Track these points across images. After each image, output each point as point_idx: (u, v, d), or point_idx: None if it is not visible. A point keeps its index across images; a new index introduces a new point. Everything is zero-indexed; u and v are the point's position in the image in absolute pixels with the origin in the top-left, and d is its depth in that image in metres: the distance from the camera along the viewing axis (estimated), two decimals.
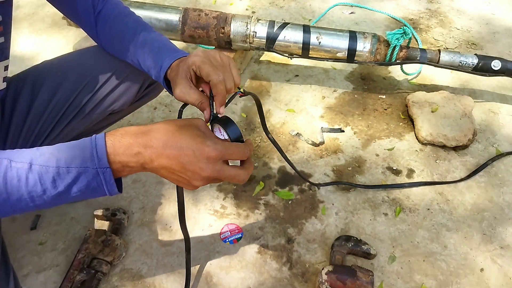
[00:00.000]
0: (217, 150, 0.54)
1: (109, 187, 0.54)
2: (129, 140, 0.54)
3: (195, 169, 0.54)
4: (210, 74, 0.65)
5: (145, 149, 0.53)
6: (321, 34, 1.40)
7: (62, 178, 0.52)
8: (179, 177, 0.56)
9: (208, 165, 0.54)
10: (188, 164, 0.54)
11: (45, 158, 0.52)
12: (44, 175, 0.52)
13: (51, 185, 0.52)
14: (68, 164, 0.52)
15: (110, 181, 0.54)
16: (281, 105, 1.53)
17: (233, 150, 0.57)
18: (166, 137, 0.54)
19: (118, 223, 1.12)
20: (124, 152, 0.53)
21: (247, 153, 0.59)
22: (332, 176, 1.29)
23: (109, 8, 0.84)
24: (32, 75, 0.89)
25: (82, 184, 0.53)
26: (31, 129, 0.87)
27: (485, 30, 1.90)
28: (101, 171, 0.53)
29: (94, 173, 0.52)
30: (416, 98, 1.46)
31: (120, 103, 0.95)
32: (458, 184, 1.28)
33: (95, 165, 0.52)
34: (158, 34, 0.83)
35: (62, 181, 0.52)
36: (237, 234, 1.14)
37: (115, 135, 0.54)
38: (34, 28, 1.88)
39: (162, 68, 0.74)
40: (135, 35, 0.81)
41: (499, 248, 1.13)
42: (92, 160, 0.52)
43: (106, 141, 0.53)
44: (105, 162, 0.52)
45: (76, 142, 0.54)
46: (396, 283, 1.05)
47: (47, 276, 1.05)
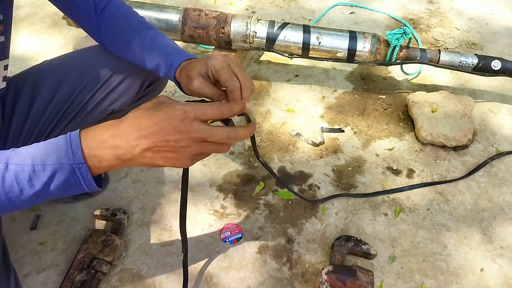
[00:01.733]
0: (189, 109, 0.52)
1: (87, 183, 0.53)
2: (102, 133, 0.53)
3: (176, 135, 0.52)
4: (227, 80, 0.64)
5: (120, 139, 0.52)
6: (321, 34, 1.40)
7: (38, 176, 0.51)
8: (166, 154, 0.53)
9: (186, 126, 0.52)
10: (168, 134, 0.52)
11: (20, 157, 0.52)
12: (20, 174, 0.51)
13: (27, 184, 0.51)
14: (44, 161, 0.51)
15: (87, 177, 0.53)
16: (281, 105, 1.53)
17: (206, 108, 0.54)
18: (137, 121, 0.53)
19: (118, 223, 1.12)
20: (98, 145, 0.52)
21: (225, 109, 0.56)
22: (332, 176, 1.29)
23: (112, 7, 0.84)
24: (32, 75, 0.89)
25: (59, 181, 0.52)
26: (31, 129, 0.87)
27: (485, 30, 1.90)
28: (77, 167, 0.52)
29: (70, 170, 0.52)
30: (416, 98, 1.46)
31: (120, 102, 0.95)
32: (458, 184, 1.28)
33: (70, 161, 0.51)
34: (164, 35, 0.83)
35: (39, 179, 0.51)
36: (237, 234, 1.14)
37: (89, 131, 0.53)
38: (34, 28, 1.88)
39: (173, 66, 0.74)
40: (141, 35, 0.81)
41: (499, 248, 1.13)
42: (67, 156, 0.51)
43: (81, 137, 0.52)
44: (80, 157, 0.51)
45: (52, 140, 0.54)
46: (396, 283, 1.05)
47: (47, 276, 1.05)
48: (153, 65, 0.80)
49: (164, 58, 0.77)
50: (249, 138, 0.86)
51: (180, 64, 0.74)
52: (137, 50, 0.82)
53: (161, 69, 0.79)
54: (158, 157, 0.54)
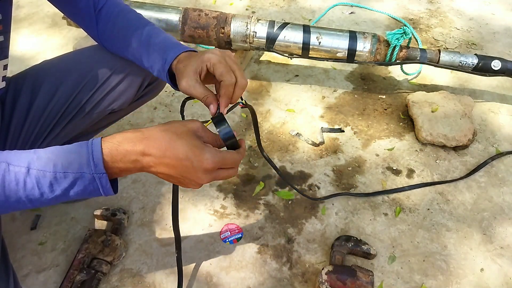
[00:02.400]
0: (215, 163, 0.57)
1: (105, 191, 0.56)
2: (127, 147, 0.55)
3: (192, 178, 0.57)
4: (223, 74, 0.65)
5: (142, 157, 0.55)
6: (321, 34, 1.40)
7: (59, 182, 0.53)
8: (176, 181, 0.59)
9: (206, 175, 0.57)
10: (186, 173, 0.56)
11: (42, 162, 0.53)
12: (41, 180, 0.53)
13: (48, 189, 0.53)
14: (65, 169, 0.53)
15: (106, 186, 0.55)
16: (281, 105, 1.53)
17: (228, 161, 0.59)
18: (164, 146, 0.55)
19: (118, 223, 1.12)
20: (122, 159, 0.55)
21: (239, 160, 0.62)
22: (332, 176, 1.29)
23: (110, 6, 0.84)
24: (32, 75, 0.89)
25: (79, 188, 0.54)
26: (31, 128, 0.86)
27: (485, 30, 1.90)
28: (97, 177, 0.54)
29: (90, 178, 0.54)
30: (416, 98, 1.46)
31: (120, 102, 0.95)
32: (458, 184, 1.28)
33: (92, 171, 0.53)
34: (161, 30, 0.83)
35: (59, 186, 0.53)
36: (237, 234, 1.14)
37: (112, 142, 0.55)
38: (34, 28, 1.88)
39: (167, 61, 0.74)
40: (138, 31, 0.81)
41: (499, 248, 1.13)
42: (88, 166, 0.53)
43: (103, 148, 0.54)
44: (101, 168, 0.54)
45: (73, 146, 0.55)
46: (396, 283, 1.05)
47: (47, 276, 1.05)
48: (149, 63, 0.80)
49: (159, 54, 0.77)
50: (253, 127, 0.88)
51: (175, 57, 0.74)
52: (135, 47, 0.81)
53: (155, 67, 0.78)
54: (170, 180, 0.60)
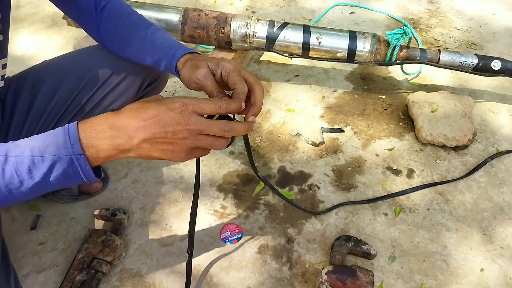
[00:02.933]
0: (187, 101, 0.54)
1: (85, 173, 0.54)
2: (101, 124, 0.53)
3: (174, 127, 0.53)
4: (236, 83, 0.65)
5: (119, 129, 0.53)
6: (321, 34, 1.40)
7: (38, 167, 0.52)
8: (163, 146, 0.54)
9: (185, 118, 0.53)
10: (166, 125, 0.53)
11: (20, 149, 0.52)
12: (19, 166, 0.51)
13: (27, 176, 0.52)
14: (42, 153, 0.52)
15: (85, 167, 0.53)
16: (281, 105, 1.53)
17: (204, 102, 0.55)
18: (137, 112, 0.54)
19: (118, 223, 1.12)
20: (97, 135, 0.53)
21: (222, 105, 0.57)
22: (332, 176, 1.29)
23: (112, 6, 0.84)
24: (32, 75, 0.89)
25: (58, 172, 0.53)
26: (31, 128, 0.87)
27: (485, 30, 1.90)
28: (75, 158, 0.52)
29: (68, 160, 0.52)
30: (416, 98, 1.46)
31: (120, 102, 0.95)
32: (458, 184, 1.28)
33: (69, 152, 0.52)
34: (164, 32, 0.84)
35: (38, 171, 0.52)
36: (237, 234, 1.14)
37: (87, 122, 0.54)
38: (34, 28, 1.88)
39: (175, 56, 0.75)
40: (142, 31, 0.82)
41: (499, 248, 1.13)
42: (65, 147, 0.52)
43: (79, 128, 0.53)
44: (78, 148, 0.52)
45: (50, 131, 0.54)
46: (396, 283, 1.05)
47: (47, 276, 1.05)
48: (154, 60, 0.80)
49: (166, 51, 0.77)
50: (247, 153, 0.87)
51: (183, 55, 0.75)
52: (138, 46, 0.82)
53: (161, 62, 0.79)
54: (155, 149, 0.55)
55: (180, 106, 0.54)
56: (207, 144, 0.57)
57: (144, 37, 0.81)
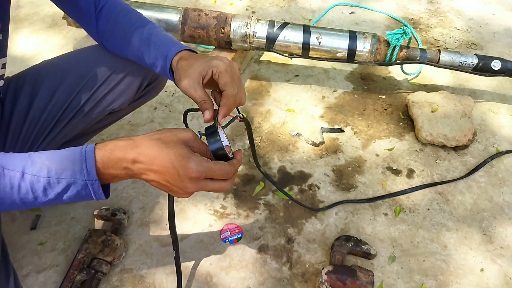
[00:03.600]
0: (199, 172, 0.57)
1: (97, 196, 0.57)
2: (118, 155, 0.56)
3: (179, 186, 0.58)
4: (227, 85, 0.66)
5: (133, 164, 0.57)
6: (321, 34, 1.40)
7: (53, 188, 0.55)
8: (166, 189, 0.60)
9: (192, 184, 0.58)
10: (173, 181, 0.57)
11: (37, 167, 0.55)
12: (35, 184, 0.54)
13: (42, 194, 0.55)
14: (59, 175, 0.55)
15: (98, 191, 0.57)
16: (281, 105, 1.53)
17: (215, 171, 0.59)
18: (153, 154, 0.56)
19: (118, 223, 1.12)
20: (113, 166, 0.56)
21: (230, 172, 0.61)
22: (332, 176, 1.29)
23: (111, 5, 0.84)
24: (31, 75, 0.89)
25: (71, 193, 0.56)
26: (30, 128, 0.87)
27: (485, 30, 1.90)
28: (90, 183, 0.56)
29: (83, 184, 0.56)
30: (416, 98, 1.46)
31: (119, 102, 0.95)
32: (458, 184, 1.28)
33: (84, 178, 0.55)
34: (161, 29, 0.84)
35: (53, 190, 0.55)
36: (237, 234, 1.14)
37: (105, 150, 0.57)
38: (34, 28, 1.88)
39: (168, 57, 0.75)
40: (139, 29, 0.81)
41: (499, 248, 1.13)
42: (81, 173, 0.55)
43: (96, 156, 0.56)
44: (94, 175, 0.55)
45: (66, 152, 0.57)
46: (396, 283, 1.05)
47: (47, 276, 1.05)
48: (150, 60, 0.80)
49: (160, 50, 0.77)
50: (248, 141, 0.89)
51: (176, 53, 0.74)
52: (136, 45, 0.82)
53: (157, 63, 0.78)
54: (162, 188, 0.60)
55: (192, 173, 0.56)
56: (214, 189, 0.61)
57: (141, 36, 0.81)
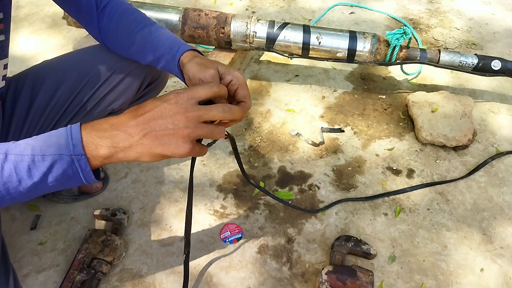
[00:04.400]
0: (181, 92, 0.55)
1: (85, 175, 0.53)
2: (102, 123, 0.54)
3: (172, 116, 0.53)
4: (246, 97, 0.66)
5: (118, 127, 0.53)
6: (321, 34, 1.40)
7: (37, 166, 0.52)
8: (164, 139, 0.54)
9: (181, 105, 0.54)
10: (164, 116, 0.53)
11: (20, 148, 0.52)
12: (19, 164, 0.51)
13: (26, 175, 0.51)
14: (43, 152, 0.52)
15: (86, 169, 0.53)
16: (281, 105, 1.53)
17: (197, 87, 0.56)
18: (135, 110, 0.55)
19: (118, 223, 1.12)
20: (98, 134, 0.53)
21: (214, 87, 0.57)
22: (332, 176, 1.29)
23: (114, 4, 0.85)
24: (32, 75, 0.89)
25: (57, 173, 0.52)
26: (31, 128, 0.87)
27: (485, 30, 1.90)
28: (76, 158, 0.52)
29: (69, 161, 0.52)
30: (416, 98, 1.46)
31: (120, 102, 0.95)
32: (458, 184, 1.28)
33: (70, 152, 0.52)
34: (167, 30, 0.84)
35: (37, 170, 0.52)
36: (237, 234, 1.14)
37: (89, 123, 0.55)
38: (34, 28, 1.88)
39: (179, 51, 0.75)
40: (145, 29, 0.82)
41: (499, 248, 1.13)
42: (67, 147, 0.52)
43: (81, 129, 0.53)
44: (80, 149, 0.52)
45: (52, 131, 0.54)
46: (396, 283, 1.05)
47: (47, 276, 1.05)
48: (155, 56, 0.80)
49: (169, 46, 0.77)
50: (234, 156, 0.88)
51: (187, 50, 0.75)
52: (141, 43, 0.82)
53: (163, 58, 0.78)
54: (157, 144, 0.53)
55: (174, 96, 0.55)
56: (208, 132, 0.56)
57: (149, 33, 0.81)
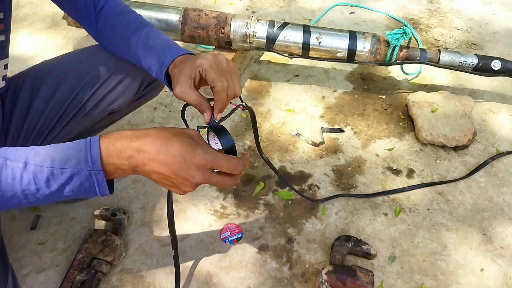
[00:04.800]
0: (207, 160, 0.56)
1: (101, 189, 0.56)
2: (123, 143, 0.55)
3: (185, 176, 0.56)
4: (215, 80, 0.65)
5: (137, 153, 0.55)
6: (321, 34, 1.40)
7: (56, 178, 0.53)
8: (169, 182, 0.58)
9: (198, 173, 0.56)
10: (179, 171, 0.55)
11: (40, 158, 0.53)
12: (38, 175, 0.53)
13: (44, 185, 0.53)
14: (62, 165, 0.53)
15: (102, 183, 0.55)
16: (281, 105, 1.53)
17: (223, 162, 0.58)
18: (159, 143, 0.55)
19: (118, 223, 1.12)
20: (117, 155, 0.55)
21: (238, 167, 0.60)
22: (332, 176, 1.29)
23: (110, 6, 0.84)
24: (31, 75, 0.89)
25: (75, 185, 0.54)
26: (30, 128, 0.87)
27: (485, 30, 1.90)
28: (94, 173, 0.54)
29: (87, 175, 0.54)
30: (416, 98, 1.46)
31: (119, 102, 0.95)
32: (458, 184, 1.28)
33: (89, 167, 0.54)
34: (159, 32, 0.83)
35: (56, 181, 0.54)
36: (237, 234, 1.14)
37: (110, 138, 0.55)
38: (34, 28, 1.88)
39: (164, 64, 0.74)
40: (137, 32, 0.81)
41: (499, 248, 1.13)
42: (86, 162, 0.54)
43: (101, 144, 0.55)
44: (98, 164, 0.54)
45: (71, 143, 0.56)
46: (396, 283, 1.05)
47: (47, 276, 1.05)
48: (147, 65, 0.79)
49: (156, 56, 0.77)
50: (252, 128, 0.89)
51: (172, 61, 0.74)
52: (133, 48, 0.81)
53: (153, 69, 0.78)
54: (163, 182, 0.58)
55: (199, 161, 0.55)
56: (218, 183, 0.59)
57: (138, 39, 0.80)
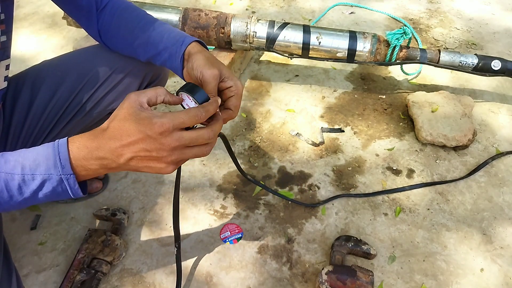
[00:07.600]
0: (165, 123, 0.53)
1: (73, 192, 0.56)
2: (88, 144, 0.54)
3: (157, 147, 0.54)
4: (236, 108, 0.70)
5: (105, 150, 0.54)
6: (321, 34, 1.40)
7: (28, 185, 0.54)
8: (149, 163, 0.55)
9: (166, 138, 0.54)
10: (148, 144, 0.53)
11: (10, 165, 0.54)
12: (10, 182, 0.53)
13: (17, 192, 0.54)
14: (33, 171, 0.54)
15: (74, 187, 0.55)
16: (281, 105, 1.53)
17: (182, 117, 0.55)
18: (119, 131, 0.54)
19: (118, 223, 1.12)
20: (85, 157, 0.54)
21: (201, 114, 0.57)
22: (332, 176, 1.29)
23: (115, 3, 0.85)
24: (31, 75, 0.89)
25: (47, 190, 0.55)
26: (31, 128, 0.87)
27: (485, 30, 1.90)
28: (65, 178, 0.54)
29: (58, 180, 0.54)
30: (416, 98, 1.46)
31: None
32: (458, 184, 1.28)
33: (59, 172, 0.54)
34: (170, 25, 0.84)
35: (28, 188, 0.54)
36: (237, 234, 1.14)
37: (75, 141, 0.55)
38: (34, 28, 1.88)
39: (185, 42, 0.75)
40: (149, 23, 0.82)
41: (499, 248, 1.13)
42: (55, 167, 0.54)
43: (69, 147, 0.54)
44: (68, 169, 0.54)
45: (39, 148, 0.56)
46: (396, 283, 1.05)
47: (47, 276, 1.05)
48: (158, 50, 0.79)
49: (175, 39, 0.77)
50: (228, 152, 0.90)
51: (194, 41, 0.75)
52: (143, 38, 0.81)
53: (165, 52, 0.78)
54: (142, 166, 0.56)
55: (159, 127, 0.53)
56: (194, 155, 0.57)
57: (153, 28, 0.81)
